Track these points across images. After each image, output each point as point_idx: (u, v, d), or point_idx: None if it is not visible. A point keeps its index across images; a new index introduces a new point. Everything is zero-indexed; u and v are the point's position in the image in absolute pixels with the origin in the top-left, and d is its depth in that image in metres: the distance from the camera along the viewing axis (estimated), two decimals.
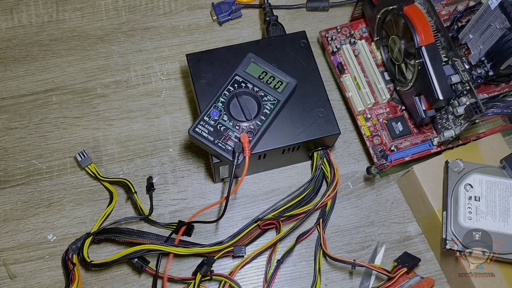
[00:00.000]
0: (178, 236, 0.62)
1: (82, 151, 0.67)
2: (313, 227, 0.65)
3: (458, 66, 0.61)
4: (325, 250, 0.63)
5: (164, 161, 0.69)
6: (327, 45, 0.72)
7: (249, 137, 0.59)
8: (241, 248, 0.63)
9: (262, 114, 0.61)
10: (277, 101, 0.61)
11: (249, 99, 0.62)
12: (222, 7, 0.76)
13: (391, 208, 0.68)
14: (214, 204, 0.65)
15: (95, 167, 0.67)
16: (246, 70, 0.63)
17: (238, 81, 0.62)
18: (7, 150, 0.69)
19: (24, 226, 0.65)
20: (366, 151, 0.70)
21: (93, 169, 0.67)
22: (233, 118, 0.60)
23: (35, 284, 0.63)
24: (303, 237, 0.65)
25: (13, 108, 0.71)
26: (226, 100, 0.61)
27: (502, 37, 0.59)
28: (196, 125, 0.60)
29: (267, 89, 0.62)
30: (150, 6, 0.78)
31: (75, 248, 0.62)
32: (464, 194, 0.61)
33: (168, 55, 0.75)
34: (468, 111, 0.58)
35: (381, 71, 0.70)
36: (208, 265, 0.60)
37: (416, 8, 0.62)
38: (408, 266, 0.61)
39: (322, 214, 0.66)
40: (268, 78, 0.62)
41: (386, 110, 0.69)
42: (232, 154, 0.58)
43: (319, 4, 0.78)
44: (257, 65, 0.63)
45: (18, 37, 0.75)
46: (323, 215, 0.66)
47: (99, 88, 0.73)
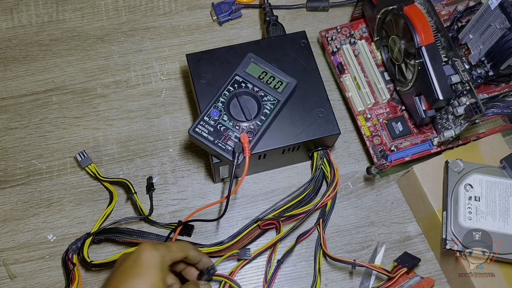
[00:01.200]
0: (175, 236, 0.62)
1: (82, 151, 0.67)
2: (313, 227, 0.65)
3: (458, 66, 0.61)
4: (325, 250, 0.63)
5: (164, 161, 0.69)
6: (327, 45, 0.72)
7: (249, 137, 0.59)
8: (245, 252, 0.63)
9: (262, 114, 0.61)
10: (277, 101, 0.61)
11: (249, 99, 0.62)
12: (222, 7, 0.76)
13: (391, 208, 0.68)
14: (213, 204, 0.65)
15: (95, 167, 0.67)
16: (246, 70, 0.63)
17: (238, 81, 0.62)
18: (7, 150, 0.69)
19: (24, 226, 0.65)
20: (366, 151, 0.70)
21: (93, 169, 0.67)
22: (233, 118, 0.60)
23: (35, 284, 0.63)
24: (303, 237, 0.65)
25: (13, 108, 0.71)
26: (226, 100, 0.61)
27: (502, 37, 0.59)
28: (196, 125, 0.60)
29: (267, 89, 0.62)
30: (150, 6, 0.78)
31: (75, 248, 0.62)
32: (464, 194, 0.61)
33: (168, 55, 0.75)
34: (468, 111, 0.58)
35: (381, 71, 0.70)
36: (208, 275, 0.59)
37: (416, 8, 0.62)
38: (408, 266, 0.61)
39: (322, 214, 0.66)
40: (268, 78, 0.62)
41: (386, 110, 0.69)
42: (232, 154, 0.58)
43: (319, 4, 0.78)
44: (257, 65, 0.63)
45: (18, 37, 0.75)
46: (323, 215, 0.66)
47: (99, 88, 0.73)
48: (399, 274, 0.60)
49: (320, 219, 0.65)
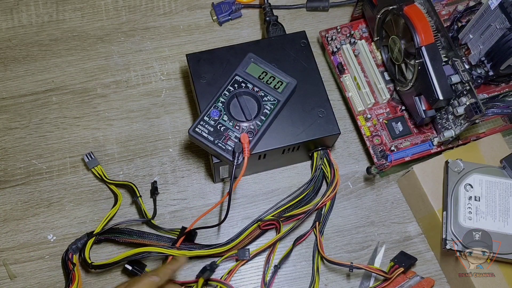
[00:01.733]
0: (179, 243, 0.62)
1: (90, 152, 0.67)
2: (309, 230, 0.65)
3: (458, 66, 0.61)
4: (322, 254, 0.63)
5: (164, 161, 0.69)
6: (327, 45, 0.72)
7: (249, 137, 0.59)
8: (245, 252, 0.63)
9: (262, 114, 0.61)
10: (277, 101, 0.61)
11: (249, 99, 0.62)
12: (222, 7, 0.76)
13: (391, 208, 0.68)
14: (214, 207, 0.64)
15: (101, 168, 0.67)
16: (246, 70, 0.63)
17: (238, 81, 0.62)
18: (7, 150, 0.69)
19: (24, 226, 0.65)
20: (366, 151, 0.70)
21: (100, 171, 0.67)
22: (233, 118, 0.60)
23: (35, 284, 0.63)
24: (299, 241, 0.65)
25: (13, 108, 0.71)
26: (226, 100, 0.61)
27: (502, 37, 0.59)
28: (196, 125, 0.60)
29: (267, 89, 0.62)
30: (150, 6, 0.78)
31: (75, 248, 0.62)
32: (464, 194, 0.61)
33: (168, 55, 0.75)
34: (468, 111, 0.58)
35: (381, 71, 0.70)
36: (211, 271, 0.59)
37: (416, 8, 0.62)
38: (404, 266, 0.61)
39: (318, 217, 0.66)
40: (268, 78, 0.62)
41: (386, 110, 0.68)
42: (232, 154, 0.58)
43: (319, 4, 0.78)
44: (257, 65, 0.63)
45: (18, 37, 0.75)
46: (319, 218, 0.66)
47: (99, 88, 0.73)
48: (396, 274, 0.60)
49: (316, 222, 0.65)
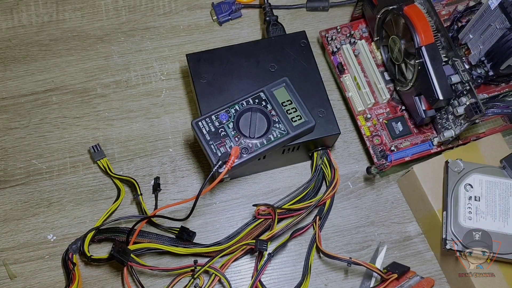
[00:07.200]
0: (137, 232, 0.61)
1: (97, 144, 0.67)
2: (310, 223, 0.65)
3: (458, 66, 0.61)
4: (319, 246, 0.63)
5: (164, 161, 0.69)
6: (327, 45, 0.72)
7: (243, 153, 0.58)
8: (262, 243, 0.61)
9: (266, 138, 0.59)
10: (286, 132, 0.59)
11: (262, 118, 0.60)
12: (222, 7, 0.76)
13: (391, 208, 0.68)
14: (180, 202, 0.63)
15: (107, 161, 0.67)
16: (273, 91, 0.61)
17: (260, 98, 0.61)
18: (7, 150, 0.69)
19: (24, 226, 0.65)
20: (366, 151, 0.70)
21: (105, 164, 0.67)
22: (238, 129, 0.59)
23: (35, 284, 0.63)
24: (297, 233, 0.64)
25: (13, 108, 0.71)
26: (241, 109, 0.60)
27: (502, 37, 0.59)
28: (201, 119, 0.59)
29: (284, 117, 0.60)
30: (150, 6, 0.78)
31: (75, 248, 0.62)
32: (464, 194, 0.61)
33: (168, 55, 0.75)
34: (468, 111, 0.58)
35: (381, 71, 0.70)
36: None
37: (416, 8, 0.62)
38: (398, 272, 0.60)
39: (320, 212, 0.66)
40: (290, 108, 0.61)
41: (386, 110, 0.69)
42: (217, 160, 0.57)
43: (319, 4, 0.78)
44: (287, 91, 0.61)
45: (18, 37, 0.75)
46: (320, 213, 0.66)
47: (99, 88, 0.73)
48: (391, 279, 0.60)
49: (317, 217, 0.65)
